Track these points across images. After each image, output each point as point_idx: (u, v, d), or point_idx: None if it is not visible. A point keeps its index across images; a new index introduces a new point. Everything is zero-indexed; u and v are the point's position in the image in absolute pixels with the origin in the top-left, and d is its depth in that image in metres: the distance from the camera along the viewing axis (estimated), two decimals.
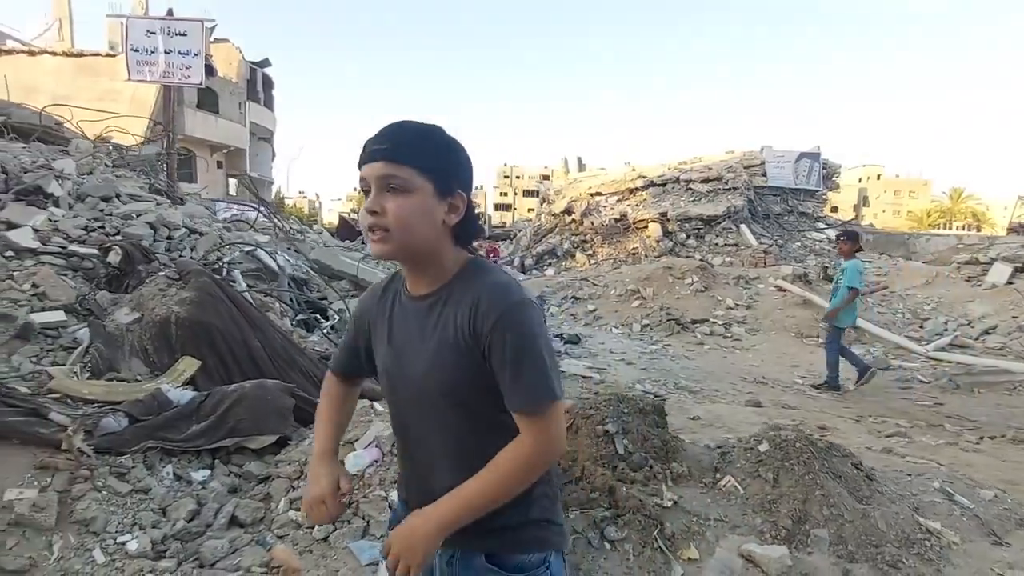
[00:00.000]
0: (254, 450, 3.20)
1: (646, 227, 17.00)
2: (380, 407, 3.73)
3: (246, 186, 10.73)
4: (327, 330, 5.04)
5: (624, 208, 18.01)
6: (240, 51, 27.04)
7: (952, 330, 8.74)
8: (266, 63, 29.68)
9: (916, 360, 7.72)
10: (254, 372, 3.65)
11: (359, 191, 1.12)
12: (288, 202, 43.60)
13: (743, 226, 16.54)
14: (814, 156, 19.34)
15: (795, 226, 18.22)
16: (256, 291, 4.71)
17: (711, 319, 9.87)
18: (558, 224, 19.59)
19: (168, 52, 10.58)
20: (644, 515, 2.63)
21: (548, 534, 1.16)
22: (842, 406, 5.64)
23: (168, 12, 11.12)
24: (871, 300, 10.08)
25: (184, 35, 10.65)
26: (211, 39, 11.48)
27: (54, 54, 19.89)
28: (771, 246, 15.76)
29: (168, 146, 10.92)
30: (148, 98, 17.72)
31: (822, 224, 18.65)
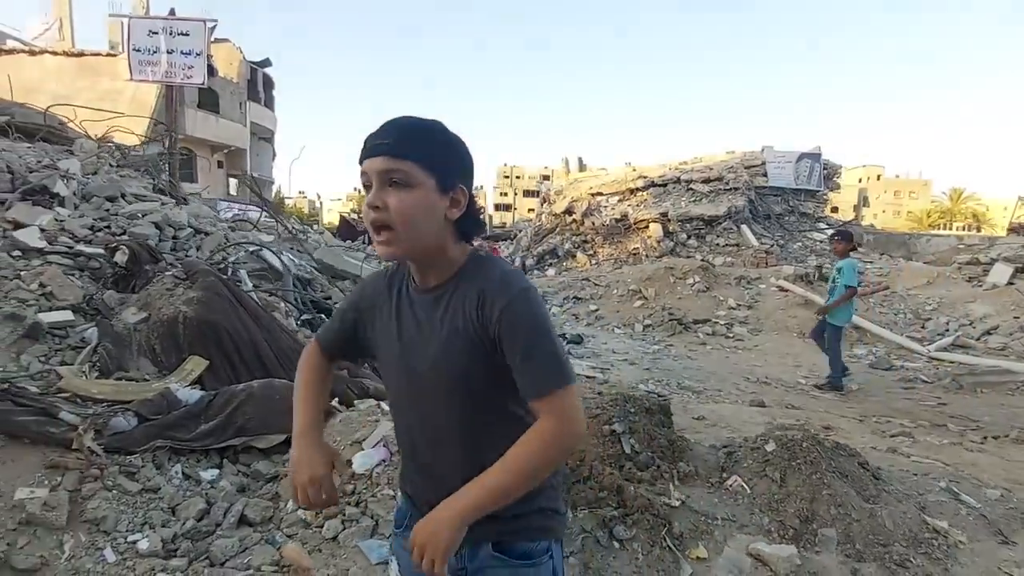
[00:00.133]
0: (262, 449, 3.20)
1: (647, 227, 17.00)
2: (386, 407, 3.74)
3: (249, 186, 10.74)
4: None
5: (625, 208, 18.00)
6: (241, 51, 27.05)
7: (954, 330, 8.75)
8: (267, 63, 29.67)
9: (918, 360, 7.74)
10: (261, 372, 3.66)
11: (359, 191, 1.11)
12: (288, 202, 43.53)
13: (744, 226, 16.55)
14: (815, 156, 19.35)
15: (796, 226, 18.23)
16: (261, 291, 4.71)
17: (713, 319, 9.88)
18: (559, 224, 19.58)
19: (170, 52, 10.57)
20: (652, 514, 2.64)
21: (553, 523, 1.17)
22: (845, 406, 5.65)
23: (170, 12, 11.11)
24: (873, 300, 10.10)
25: (186, 35, 10.64)
26: (212, 39, 11.47)
27: (55, 54, 19.91)
28: (772, 246, 15.76)
29: (170, 146, 10.93)
30: (148, 98, 17.75)
31: (823, 224, 18.66)
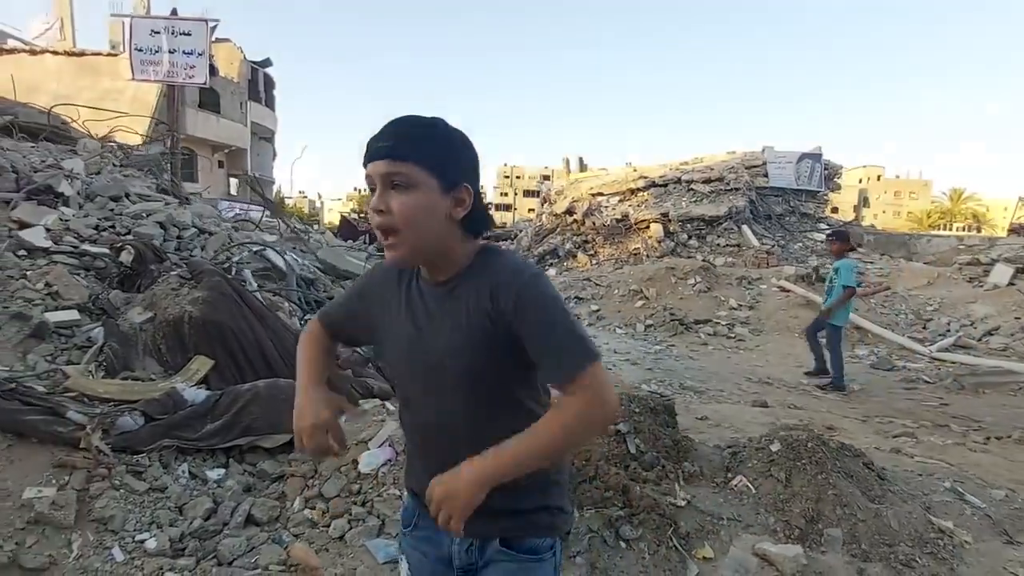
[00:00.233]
0: (267, 449, 3.21)
1: (648, 227, 17.00)
2: (392, 406, 3.74)
3: (251, 186, 10.75)
4: None
5: (626, 208, 17.99)
6: (241, 51, 27.06)
7: (955, 331, 8.76)
8: (267, 63, 29.69)
9: (920, 361, 7.75)
10: (266, 372, 3.66)
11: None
12: (288, 202, 43.53)
13: (745, 227, 16.55)
14: (815, 157, 19.35)
15: (796, 227, 18.23)
16: (265, 291, 4.72)
17: (714, 319, 9.89)
18: (559, 224, 19.57)
19: (172, 52, 10.58)
20: (658, 514, 2.64)
21: (558, 520, 1.18)
22: (848, 406, 5.66)
23: (172, 12, 11.11)
24: (874, 301, 10.11)
25: (188, 35, 10.64)
26: (212, 39, 11.48)
27: (55, 53, 19.91)
28: (773, 247, 15.77)
29: (172, 146, 10.94)
30: (149, 97, 17.76)
31: (823, 225, 18.66)
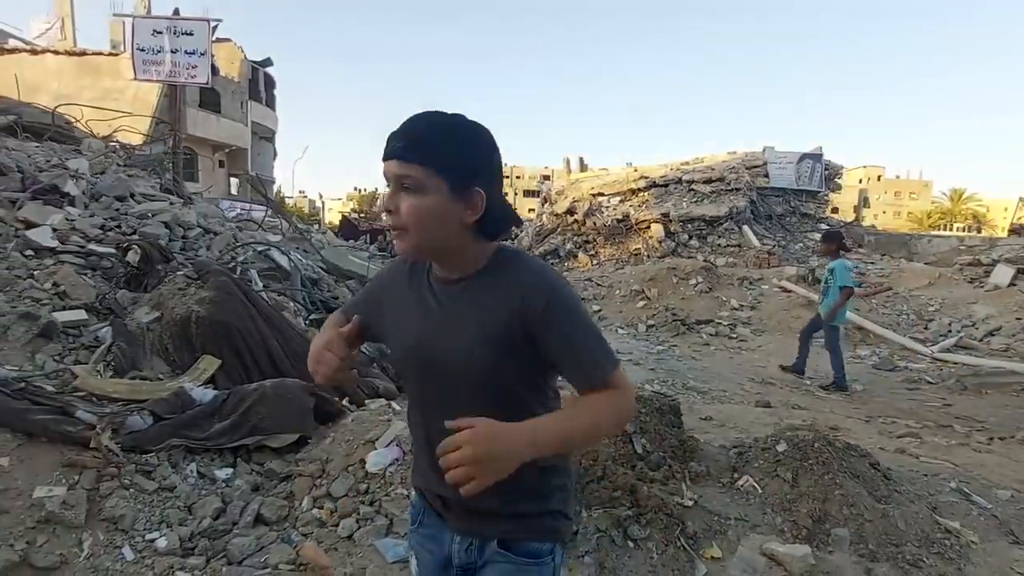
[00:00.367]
0: (275, 449, 3.22)
1: (648, 228, 17.02)
2: (398, 406, 3.75)
3: (253, 186, 10.74)
4: None
5: (626, 208, 18.01)
6: (242, 50, 27.04)
7: (957, 331, 8.78)
8: (268, 62, 29.67)
9: (922, 361, 7.76)
10: (272, 371, 3.67)
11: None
12: (288, 201, 43.47)
13: (746, 227, 16.57)
14: (816, 157, 19.38)
15: (797, 227, 18.27)
16: (271, 291, 4.73)
17: (716, 320, 9.90)
18: (560, 224, 19.58)
19: (175, 51, 10.61)
20: (666, 514, 2.65)
21: (560, 525, 1.18)
22: (851, 407, 5.67)
23: (174, 12, 11.14)
24: (875, 301, 10.13)
25: (190, 35, 10.67)
26: (213, 38, 11.49)
27: (56, 53, 19.89)
28: (774, 247, 15.79)
29: (174, 145, 10.95)
30: (150, 97, 17.73)
31: (824, 225, 18.69)
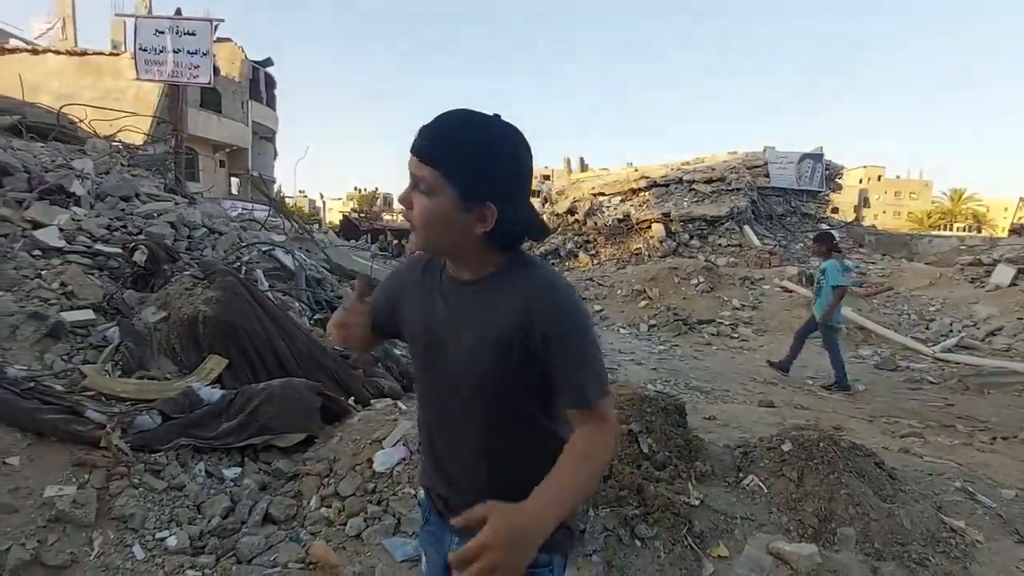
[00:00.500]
0: (282, 448, 3.23)
1: (649, 227, 17.03)
2: (404, 406, 3.77)
3: (256, 186, 10.77)
4: None
5: (627, 208, 18.03)
6: (243, 50, 27.05)
7: (958, 331, 8.79)
8: (268, 62, 29.69)
9: (924, 361, 7.77)
10: (279, 371, 3.68)
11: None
12: (288, 201, 43.45)
13: (746, 227, 16.59)
14: (817, 157, 19.40)
15: (798, 227, 18.29)
16: (276, 290, 4.74)
17: (718, 319, 9.91)
18: (561, 224, 19.59)
19: (177, 51, 10.61)
20: (673, 513, 2.66)
21: (560, 537, 1.14)
22: (854, 407, 5.68)
23: (176, 11, 11.14)
24: (876, 301, 10.13)
25: (193, 34, 10.68)
26: (214, 38, 11.50)
27: (57, 53, 19.89)
28: (775, 247, 15.81)
29: (176, 145, 10.96)
30: (151, 97, 17.72)
31: (824, 225, 18.72)
